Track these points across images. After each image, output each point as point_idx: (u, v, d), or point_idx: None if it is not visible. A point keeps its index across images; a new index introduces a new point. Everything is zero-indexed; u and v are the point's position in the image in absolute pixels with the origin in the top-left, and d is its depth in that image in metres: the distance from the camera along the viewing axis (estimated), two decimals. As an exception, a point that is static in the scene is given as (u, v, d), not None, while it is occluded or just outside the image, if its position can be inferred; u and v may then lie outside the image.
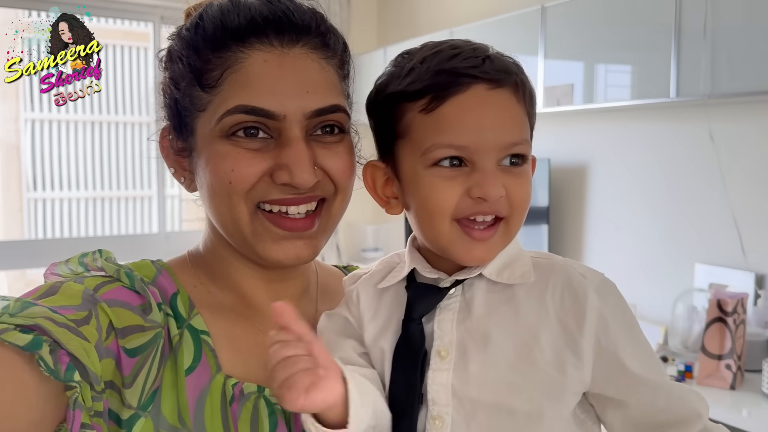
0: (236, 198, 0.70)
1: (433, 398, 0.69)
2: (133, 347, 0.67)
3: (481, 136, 0.67)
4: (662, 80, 2.25)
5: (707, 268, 2.46)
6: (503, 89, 0.69)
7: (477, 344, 0.69)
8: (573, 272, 0.70)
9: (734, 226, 2.36)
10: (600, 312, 0.67)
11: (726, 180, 2.38)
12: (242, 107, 0.69)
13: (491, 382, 0.68)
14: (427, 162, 0.68)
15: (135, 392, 0.66)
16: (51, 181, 5.07)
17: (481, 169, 0.67)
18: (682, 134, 2.54)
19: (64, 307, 0.64)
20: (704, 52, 2.12)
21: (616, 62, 2.55)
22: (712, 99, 2.19)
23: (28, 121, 4.92)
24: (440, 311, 0.71)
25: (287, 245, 0.73)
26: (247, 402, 0.70)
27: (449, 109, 0.67)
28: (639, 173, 2.71)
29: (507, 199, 0.68)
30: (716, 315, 2.12)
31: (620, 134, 2.77)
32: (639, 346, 0.69)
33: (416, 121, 0.69)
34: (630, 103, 2.46)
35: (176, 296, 0.74)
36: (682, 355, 2.37)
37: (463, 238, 0.69)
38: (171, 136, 0.76)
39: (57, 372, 0.59)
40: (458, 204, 0.67)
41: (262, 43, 0.70)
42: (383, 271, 0.78)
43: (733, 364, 2.08)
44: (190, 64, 0.72)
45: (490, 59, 0.69)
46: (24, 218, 5.01)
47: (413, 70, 0.69)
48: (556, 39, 2.65)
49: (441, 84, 0.67)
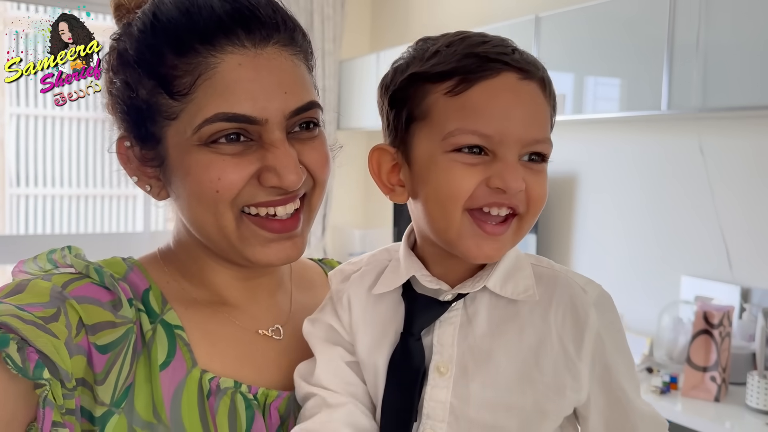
0: (222, 206, 0.69)
1: (429, 413, 0.68)
2: (104, 343, 0.66)
3: (508, 126, 0.64)
4: (654, 93, 2.26)
5: (693, 281, 2.48)
6: (532, 82, 0.66)
7: (478, 362, 0.67)
8: (575, 287, 0.68)
9: (722, 239, 2.38)
10: (598, 333, 0.66)
11: (715, 193, 2.40)
12: (222, 115, 0.67)
13: (490, 402, 0.66)
14: (447, 147, 0.65)
15: (107, 389, 0.65)
16: (35, 177, 5.00)
17: (502, 160, 0.64)
18: (672, 147, 2.56)
19: (32, 305, 0.63)
20: (696, 66, 2.14)
21: (609, 74, 2.57)
22: (702, 113, 2.21)
23: (13, 116, 4.86)
24: (440, 324, 0.69)
25: (276, 247, 0.72)
26: (225, 396, 0.70)
27: (477, 94, 0.64)
28: (628, 185, 2.73)
29: (525, 195, 0.66)
30: (702, 327, 2.14)
31: (610, 146, 2.79)
32: (627, 363, 0.69)
33: (439, 104, 0.65)
34: (621, 114, 2.47)
35: (148, 292, 0.73)
36: (667, 366, 2.38)
37: (475, 231, 0.65)
38: (130, 145, 0.73)
39: (25, 370, 0.58)
40: (475, 192, 0.64)
41: (234, 45, 0.68)
42: (374, 271, 0.75)
43: (718, 377, 2.10)
44: (152, 70, 0.68)
45: (519, 51, 0.67)
46: (6, 214, 4.94)
47: (439, 53, 0.66)
48: (548, 49, 2.66)
49: (470, 67, 0.64)
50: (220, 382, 0.70)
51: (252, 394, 0.71)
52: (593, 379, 0.67)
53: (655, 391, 2.18)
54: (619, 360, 0.68)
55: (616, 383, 0.67)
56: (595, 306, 0.67)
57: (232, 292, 0.78)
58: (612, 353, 0.67)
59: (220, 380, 0.70)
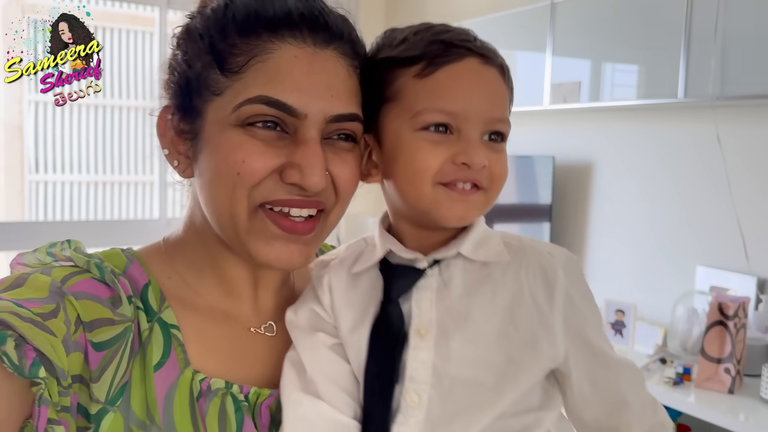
0: (240, 191, 0.68)
1: (412, 375, 0.70)
2: (100, 341, 0.65)
3: (472, 104, 0.69)
4: (671, 81, 2.23)
5: (709, 271, 2.45)
6: (492, 67, 0.72)
7: (457, 323, 0.71)
8: (542, 252, 0.73)
9: (738, 229, 2.35)
10: (567, 290, 0.71)
11: (731, 183, 2.37)
12: (264, 98, 0.67)
13: (471, 359, 0.70)
14: (416, 125, 0.70)
15: (102, 387, 0.65)
16: (53, 163, 5.06)
17: (466, 138, 0.69)
18: (689, 135, 2.52)
19: (31, 300, 0.63)
20: (714, 53, 2.10)
21: (625, 61, 2.53)
22: (720, 101, 2.17)
23: (32, 103, 4.91)
24: (418, 291, 0.72)
25: (280, 247, 0.71)
26: (215, 398, 0.70)
27: (443, 76, 0.70)
28: (644, 173, 2.70)
29: (488, 172, 0.70)
30: (717, 318, 2.11)
31: (626, 133, 2.75)
32: (597, 318, 0.74)
33: (408, 86, 0.71)
34: (637, 102, 2.44)
35: (147, 288, 0.73)
36: (680, 357, 2.36)
37: (446, 195, 0.70)
38: (172, 116, 0.73)
39: (22, 368, 0.58)
40: (441, 168, 0.69)
41: (295, 38, 0.69)
42: (352, 256, 0.78)
43: (732, 368, 2.08)
44: (212, 44, 0.69)
45: (480, 40, 0.73)
46: (25, 200, 5.00)
47: (407, 40, 0.72)
48: (564, 36, 2.63)
49: (436, 52, 0.70)
50: (211, 383, 0.70)
51: (243, 394, 0.72)
52: (568, 335, 0.71)
53: (669, 382, 2.16)
54: (590, 317, 0.72)
55: (591, 338, 0.72)
56: (563, 267, 0.71)
57: (239, 281, 0.78)
58: (582, 310, 0.71)
59: (211, 381, 0.70)
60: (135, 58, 5.26)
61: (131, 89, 5.25)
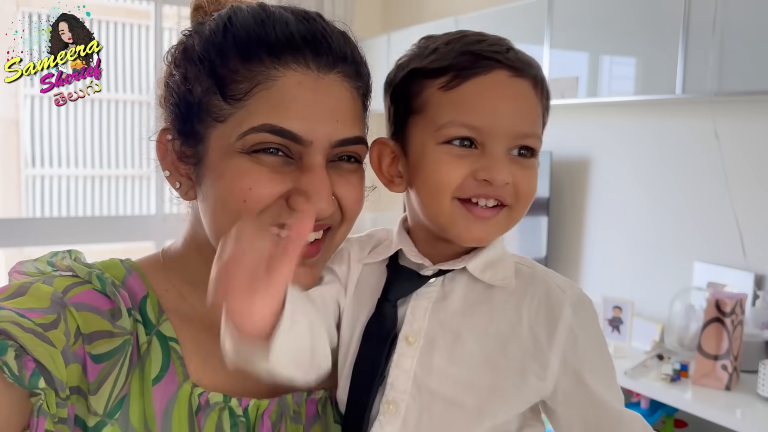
0: (246, 218, 0.67)
1: (393, 383, 0.69)
2: (99, 353, 0.66)
3: (496, 119, 0.68)
4: (668, 76, 2.22)
5: (706, 267, 2.45)
6: (524, 80, 0.70)
7: (446, 338, 0.70)
8: (552, 285, 0.71)
9: (735, 225, 2.35)
10: (571, 328, 0.68)
11: (729, 179, 2.37)
12: (269, 126, 0.67)
13: (452, 377, 0.69)
14: (439, 138, 0.69)
15: (100, 399, 0.65)
16: (50, 157, 5.04)
17: (490, 153, 0.68)
18: (687, 131, 2.52)
19: (32, 310, 0.63)
20: (712, 48, 2.10)
21: (622, 56, 2.52)
22: (718, 97, 2.17)
23: (28, 97, 4.88)
24: (416, 297, 0.72)
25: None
26: (212, 412, 0.70)
27: (469, 89, 0.68)
28: (641, 168, 2.70)
29: (513, 188, 0.69)
30: (714, 315, 2.12)
31: (624, 129, 2.75)
32: (604, 365, 0.70)
33: (434, 98, 0.70)
34: (635, 98, 2.43)
35: (146, 300, 0.73)
36: (677, 353, 2.37)
37: (465, 216, 0.69)
38: (172, 138, 0.73)
39: (21, 378, 0.58)
40: (462, 183, 0.68)
41: (299, 64, 0.68)
42: (369, 243, 0.79)
43: (729, 365, 2.08)
44: (213, 68, 0.68)
45: (514, 50, 0.71)
46: (22, 194, 4.98)
47: (437, 50, 0.70)
48: (562, 30, 2.62)
49: (464, 64, 0.68)
50: (210, 396, 0.70)
51: (242, 407, 0.71)
52: (565, 373, 0.68)
53: (666, 378, 2.17)
54: (594, 359, 0.69)
55: (589, 382, 0.68)
56: (573, 306, 0.69)
57: None
58: (586, 351, 0.69)
59: (210, 395, 0.70)
60: (131, 52, 5.24)
61: (127, 83, 5.23)
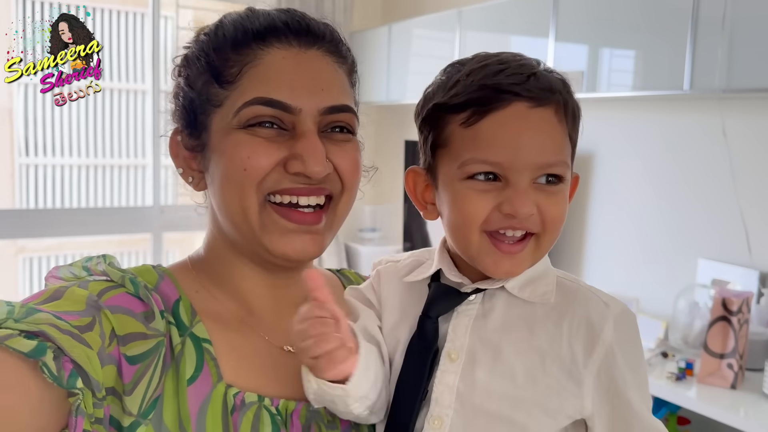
0: (248, 187, 0.72)
1: (437, 398, 0.71)
2: (133, 354, 0.68)
3: (516, 154, 0.68)
4: (676, 72, 2.19)
5: (711, 264, 2.43)
6: (545, 108, 0.69)
7: (487, 354, 0.71)
8: (596, 300, 0.71)
9: (741, 222, 2.33)
10: (611, 345, 0.69)
11: (736, 176, 2.34)
12: (260, 99, 0.72)
13: (495, 392, 0.70)
14: (463, 174, 0.70)
15: (135, 400, 0.66)
16: (44, 146, 4.99)
17: (513, 186, 0.68)
18: (694, 127, 2.49)
19: (69, 313, 0.65)
20: (721, 44, 2.06)
21: (629, 50, 2.49)
22: (727, 93, 2.14)
23: (22, 85, 4.82)
24: (457, 315, 0.73)
25: (295, 238, 0.74)
26: (248, 411, 0.71)
27: (487, 125, 0.69)
28: (646, 164, 2.67)
29: (539, 217, 0.69)
30: (720, 314, 2.10)
31: (629, 124, 2.72)
32: (641, 378, 0.71)
33: (456, 134, 0.71)
34: (641, 93, 2.40)
35: (178, 303, 0.75)
36: (682, 351, 2.36)
37: (492, 251, 0.70)
38: (181, 136, 0.78)
39: (60, 379, 0.60)
40: (488, 218, 0.69)
41: (281, 42, 0.74)
42: (411, 265, 0.80)
43: (735, 364, 2.07)
44: (209, 63, 0.75)
45: (536, 76, 0.70)
46: (15, 184, 4.94)
47: (458, 83, 0.71)
48: (567, 23, 2.58)
49: (482, 99, 0.69)
50: (245, 396, 0.72)
51: (274, 406, 0.73)
52: (599, 391, 0.69)
53: (671, 377, 2.15)
54: (629, 376, 0.69)
55: (624, 398, 0.69)
56: (615, 321, 0.69)
57: (259, 302, 0.80)
58: (623, 368, 0.69)
59: (245, 395, 0.72)
60: (127, 40, 5.18)
61: (123, 71, 5.18)
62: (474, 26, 3.05)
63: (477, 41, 3.04)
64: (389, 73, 3.51)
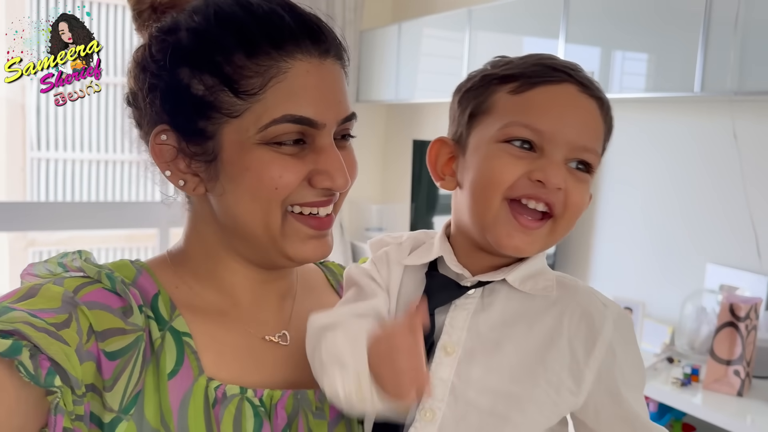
0: (275, 204, 0.72)
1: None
2: (112, 350, 0.67)
3: (560, 127, 0.69)
4: (687, 74, 2.17)
5: (719, 269, 2.41)
6: (592, 99, 0.72)
7: (485, 349, 0.71)
8: (595, 299, 0.72)
9: (751, 227, 2.31)
10: (611, 344, 0.69)
11: (746, 179, 2.32)
12: (290, 117, 0.70)
13: (490, 388, 0.69)
14: (500, 137, 0.70)
15: (116, 396, 0.66)
16: (55, 141, 5.03)
17: (548, 158, 0.69)
18: (704, 130, 2.47)
19: (44, 311, 0.65)
20: (733, 46, 2.04)
21: (639, 51, 2.47)
22: (738, 96, 2.11)
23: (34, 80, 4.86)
24: (455, 308, 0.72)
25: (315, 243, 0.76)
26: (230, 404, 0.71)
27: (537, 93, 0.70)
28: (654, 166, 2.65)
29: (564, 196, 0.70)
30: (728, 319, 2.08)
31: (638, 126, 2.70)
32: (639, 381, 0.72)
33: (502, 101, 0.72)
34: (650, 95, 2.38)
35: (157, 297, 0.75)
36: (688, 356, 2.34)
37: (509, 220, 0.70)
38: (168, 138, 0.74)
39: (37, 377, 0.60)
40: (516, 182, 0.69)
41: (303, 53, 0.72)
42: (408, 244, 0.80)
43: (742, 371, 2.05)
44: (216, 67, 0.70)
45: (585, 72, 0.73)
46: (27, 177, 4.98)
47: (512, 62, 0.73)
48: (578, 24, 2.57)
49: (536, 72, 0.71)
50: (227, 389, 0.71)
51: (258, 397, 0.73)
52: (600, 389, 0.70)
53: (676, 383, 2.14)
54: (629, 377, 0.71)
55: (624, 398, 0.70)
56: (614, 321, 0.70)
57: (243, 294, 0.80)
58: (623, 368, 0.70)
59: (227, 387, 0.72)
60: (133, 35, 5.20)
61: (133, 67, 5.19)
62: (484, 26, 3.04)
63: (487, 41, 3.03)
64: (398, 72, 3.50)
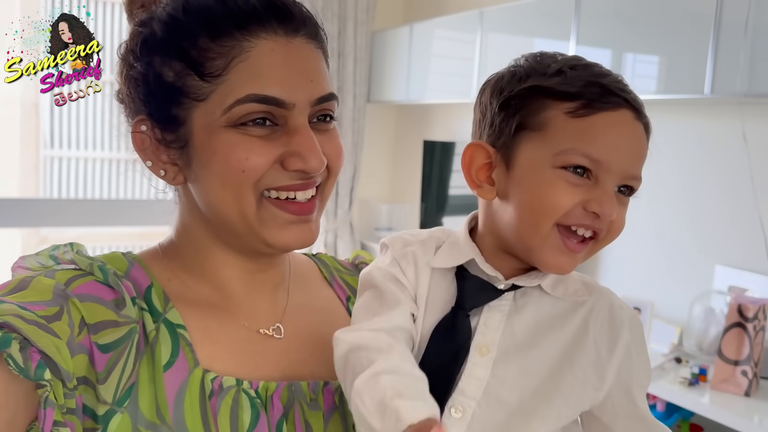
0: (246, 187, 0.71)
1: (463, 389, 0.71)
2: (105, 343, 0.67)
3: (618, 157, 0.69)
4: (697, 75, 2.16)
5: (728, 270, 2.40)
6: (641, 123, 0.72)
7: (519, 350, 0.72)
8: (614, 300, 0.75)
9: (761, 229, 2.29)
10: (628, 346, 0.73)
11: (755, 181, 2.31)
12: (254, 96, 0.69)
13: (523, 387, 0.71)
14: (557, 162, 0.69)
15: (109, 388, 0.66)
16: (68, 139, 5.07)
17: (603, 187, 0.69)
18: (713, 132, 2.46)
19: (35, 303, 0.64)
20: (744, 48, 2.03)
21: (650, 53, 2.46)
22: (748, 98, 2.10)
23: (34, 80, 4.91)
24: (489, 309, 0.73)
25: (294, 229, 0.74)
26: (227, 396, 0.70)
27: (598, 122, 0.69)
28: (666, 169, 2.63)
29: (608, 223, 0.71)
30: (736, 320, 2.07)
31: (648, 127, 2.69)
32: (647, 381, 0.76)
33: (558, 121, 0.70)
34: (660, 97, 2.37)
35: (150, 289, 0.74)
36: (696, 357, 2.33)
37: (557, 244, 0.70)
38: (146, 126, 0.74)
39: (27, 370, 0.59)
40: (570, 211, 0.69)
41: (267, 32, 0.71)
42: (431, 243, 0.78)
43: (750, 371, 2.04)
44: (183, 52, 0.70)
45: (632, 90, 0.72)
46: (40, 175, 5.02)
47: (563, 72, 0.71)
48: (589, 26, 2.56)
49: (594, 95, 0.69)
50: (223, 380, 0.71)
51: (253, 389, 0.72)
52: (618, 387, 0.73)
53: (684, 382, 2.13)
54: (640, 378, 0.74)
55: (636, 397, 0.74)
56: (629, 323, 0.74)
57: (235, 286, 0.79)
58: (638, 369, 0.74)
59: (223, 379, 0.71)
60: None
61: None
62: (495, 28, 3.03)
63: (498, 43, 3.03)
64: (409, 73, 3.50)
